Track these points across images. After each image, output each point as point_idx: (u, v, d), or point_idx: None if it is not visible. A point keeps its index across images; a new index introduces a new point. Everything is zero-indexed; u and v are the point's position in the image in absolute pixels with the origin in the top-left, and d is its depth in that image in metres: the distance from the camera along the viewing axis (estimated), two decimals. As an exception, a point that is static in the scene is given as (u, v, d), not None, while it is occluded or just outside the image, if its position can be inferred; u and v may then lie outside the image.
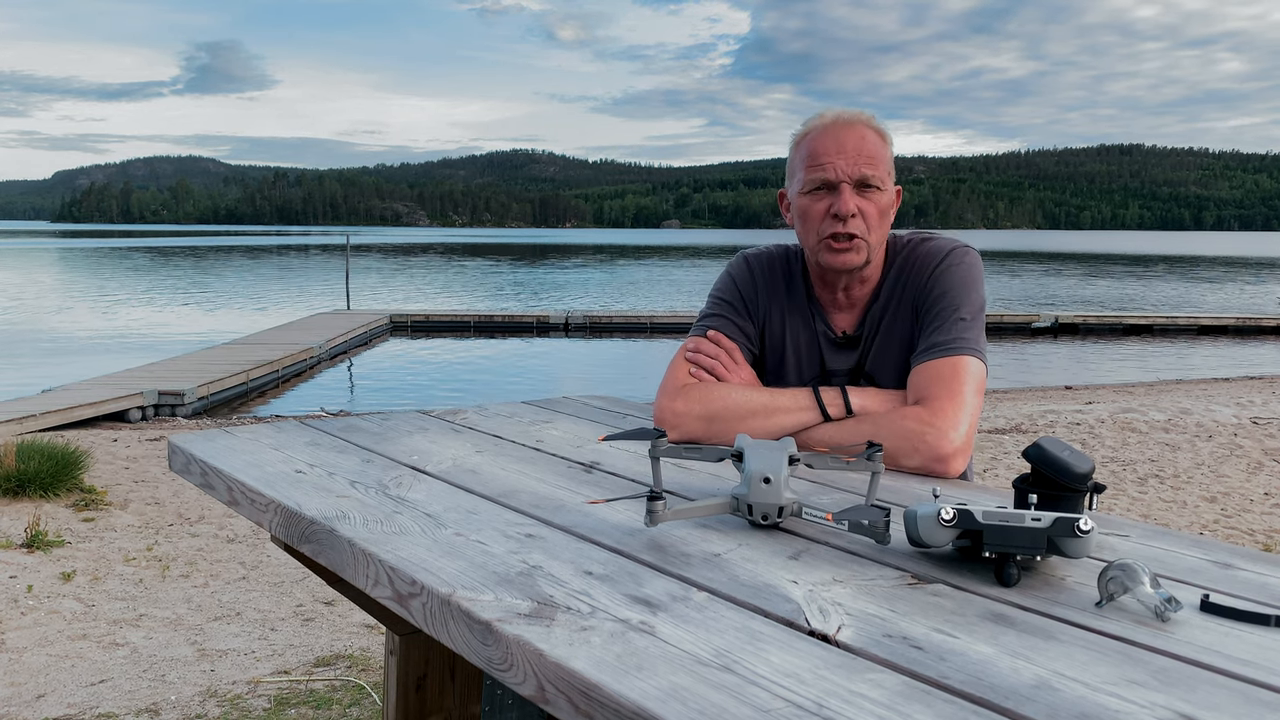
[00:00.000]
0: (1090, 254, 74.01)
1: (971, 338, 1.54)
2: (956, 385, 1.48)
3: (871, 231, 1.58)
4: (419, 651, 1.76)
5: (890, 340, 1.64)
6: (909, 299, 1.63)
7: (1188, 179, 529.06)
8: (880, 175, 1.58)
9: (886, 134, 1.62)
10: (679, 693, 0.71)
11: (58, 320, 19.72)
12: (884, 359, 1.64)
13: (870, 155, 1.57)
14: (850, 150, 1.56)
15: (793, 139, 1.66)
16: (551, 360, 15.47)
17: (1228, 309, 23.67)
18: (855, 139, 1.57)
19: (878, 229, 1.59)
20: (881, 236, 1.61)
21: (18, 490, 4.97)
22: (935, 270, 1.61)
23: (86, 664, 2.99)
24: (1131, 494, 5.30)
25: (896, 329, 1.64)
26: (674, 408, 1.62)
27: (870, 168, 1.56)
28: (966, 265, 1.61)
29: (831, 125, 1.59)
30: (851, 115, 1.60)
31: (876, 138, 1.59)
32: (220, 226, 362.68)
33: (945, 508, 0.97)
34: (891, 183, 1.61)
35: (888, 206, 1.60)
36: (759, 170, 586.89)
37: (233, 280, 33.56)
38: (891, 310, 1.64)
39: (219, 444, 1.55)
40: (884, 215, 1.59)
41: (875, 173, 1.57)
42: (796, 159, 1.63)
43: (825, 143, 1.58)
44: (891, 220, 1.64)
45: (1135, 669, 0.77)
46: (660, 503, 1.09)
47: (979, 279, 1.62)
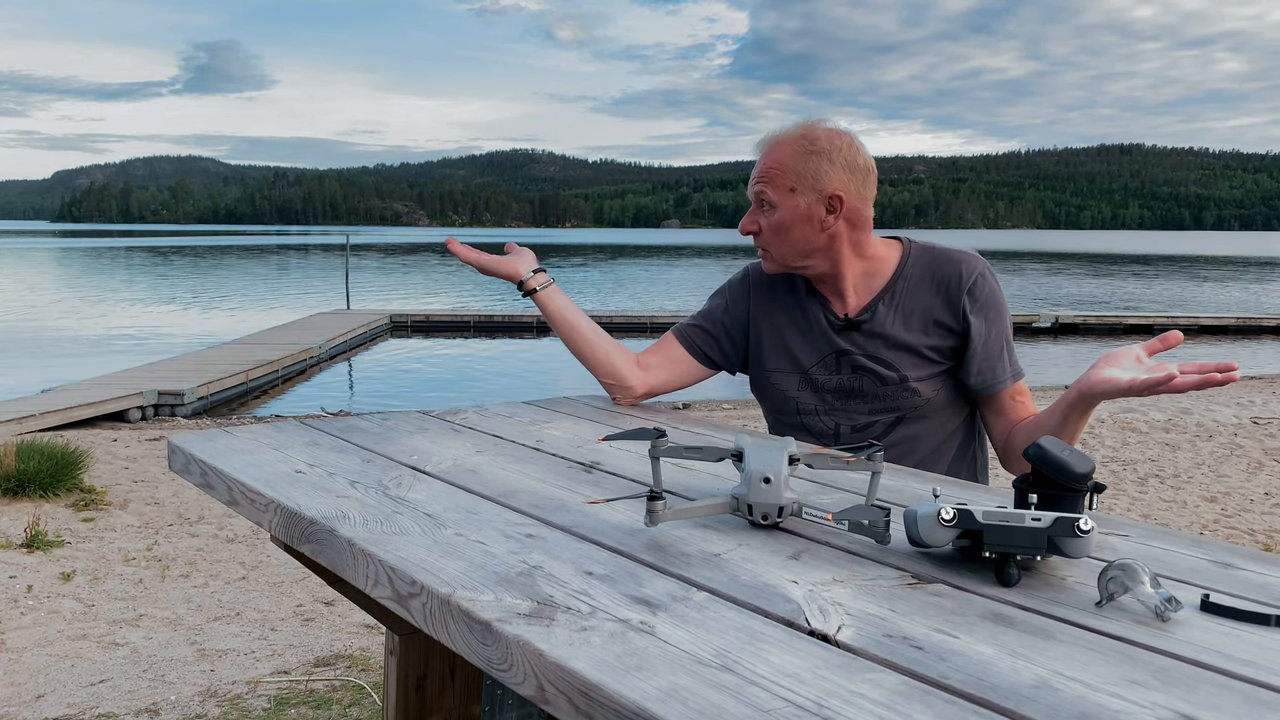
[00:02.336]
0: (1090, 254, 74.01)
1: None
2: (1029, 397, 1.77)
3: (772, 245, 1.73)
4: (419, 651, 1.76)
5: (909, 330, 1.73)
6: (944, 304, 1.72)
7: (1188, 179, 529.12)
8: (772, 193, 1.69)
9: (812, 145, 1.67)
10: (679, 693, 0.71)
11: (57, 320, 19.71)
12: (898, 344, 1.73)
13: (767, 174, 1.69)
14: (756, 171, 1.72)
15: None
16: (551, 360, 15.47)
17: (1228, 309, 23.66)
18: (764, 158, 1.71)
19: (775, 243, 1.72)
20: (786, 247, 1.72)
21: (18, 490, 4.97)
22: (980, 290, 1.71)
23: (86, 664, 2.98)
24: (1131, 494, 5.30)
25: (915, 324, 1.72)
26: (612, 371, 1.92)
27: (763, 185, 1.70)
28: (996, 282, 1.75)
29: (759, 146, 1.73)
30: (780, 134, 1.71)
31: (785, 152, 1.68)
32: (220, 226, 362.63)
33: (945, 508, 0.97)
34: (799, 196, 1.67)
35: (781, 221, 1.69)
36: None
37: (232, 280, 33.55)
38: (910, 305, 1.73)
39: (219, 444, 1.55)
40: (777, 230, 1.71)
41: (766, 190, 1.69)
42: None
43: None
44: (815, 229, 1.69)
45: (1135, 669, 0.77)
46: (660, 503, 1.09)
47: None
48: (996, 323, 1.72)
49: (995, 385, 1.72)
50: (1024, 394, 1.75)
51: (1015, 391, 1.73)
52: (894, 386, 1.71)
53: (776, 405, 1.85)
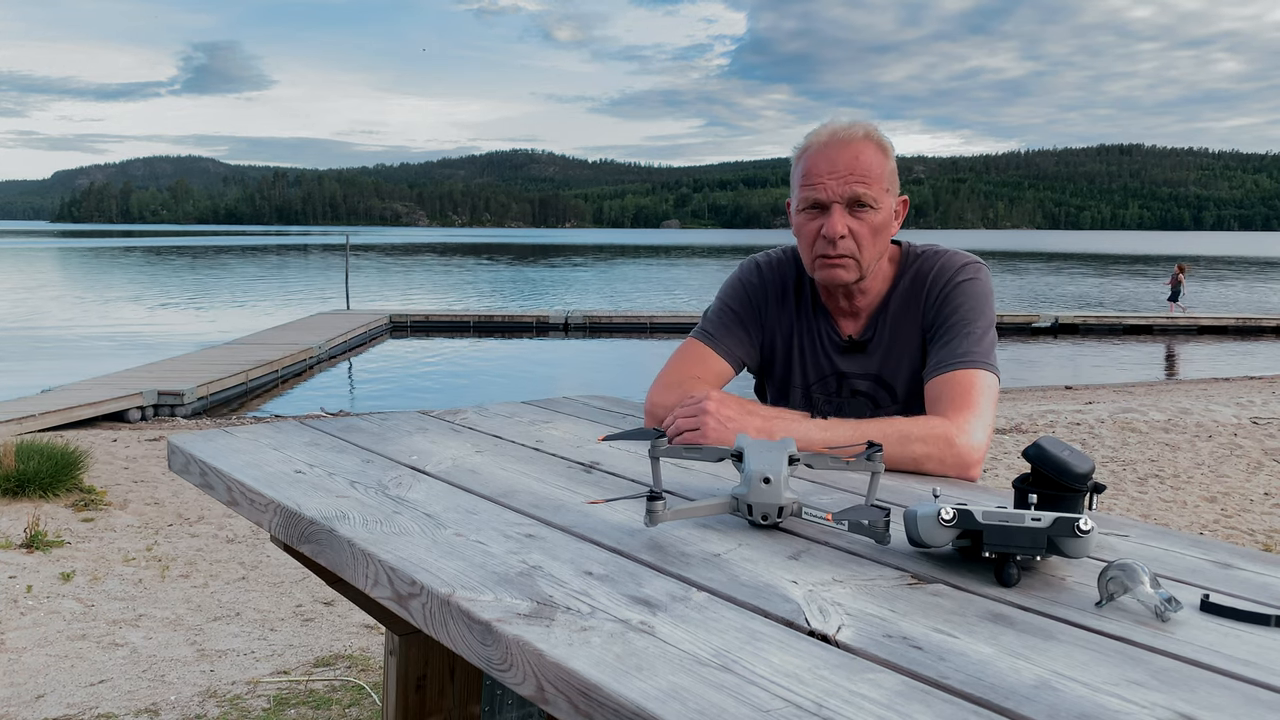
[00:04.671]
0: (1090, 254, 73.99)
1: (983, 351, 1.55)
2: (974, 396, 1.50)
3: (863, 250, 1.59)
4: (419, 651, 1.76)
5: (901, 347, 1.66)
6: (918, 309, 1.64)
7: (1187, 179, 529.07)
8: (874, 194, 1.57)
9: (887, 145, 1.62)
10: (678, 693, 0.71)
11: (57, 320, 19.71)
12: (897, 365, 1.67)
13: (864, 173, 1.57)
14: (843, 169, 1.57)
15: (794, 151, 1.67)
16: (551, 360, 15.47)
17: (1228, 309, 23.65)
18: (849, 157, 1.57)
19: (870, 247, 1.60)
20: (876, 252, 1.62)
21: (17, 490, 4.97)
22: (948, 286, 1.62)
23: (86, 664, 2.98)
24: (1131, 494, 5.30)
25: (905, 336, 1.66)
26: (665, 403, 1.63)
27: (863, 186, 1.56)
28: (979, 282, 1.63)
29: (828, 143, 1.59)
30: (847, 133, 1.59)
31: (874, 152, 1.58)
32: (220, 226, 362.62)
33: (945, 508, 0.97)
34: (890, 197, 1.61)
35: (881, 223, 1.60)
36: (758, 170, 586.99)
37: (232, 280, 33.55)
38: (900, 318, 1.66)
39: (218, 444, 1.55)
40: (877, 232, 1.60)
41: (868, 191, 1.57)
42: (795, 174, 1.65)
43: (819, 162, 1.58)
44: (892, 233, 1.65)
45: (1135, 669, 0.77)
46: (660, 503, 1.08)
47: (990, 295, 1.64)
48: (953, 315, 1.60)
49: (928, 375, 1.58)
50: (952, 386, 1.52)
51: (941, 382, 1.54)
52: (887, 409, 1.69)
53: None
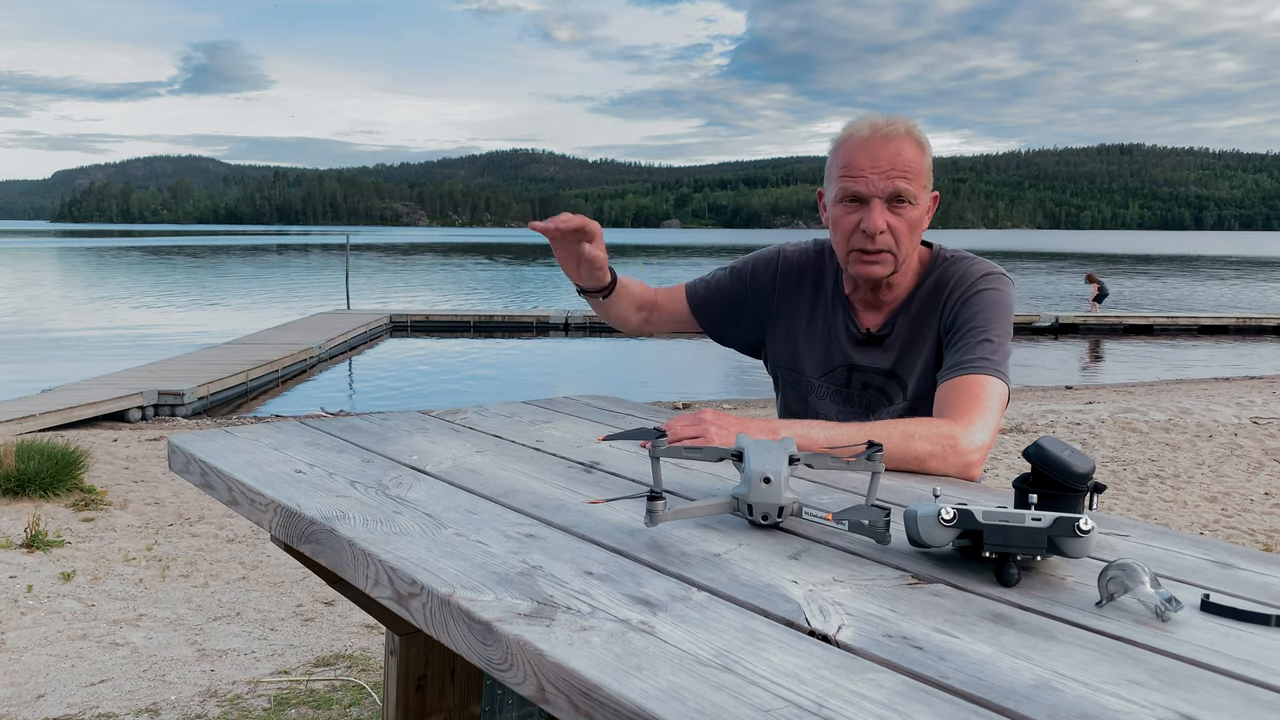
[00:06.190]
0: (1090, 254, 73.99)
1: (998, 360, 1.56)
2: (982, 400, 1.51)
3: (900, 245, 1.60)
4: (419, 651, 1.76)
5: (917, 345, 1.67)
6: (937, 310, 1.65)
7: (1187, 179, 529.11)
8: (914, 190, 1.58)
9: (925, 142, 1.62)
10: (679, 693, 0.71)
11: (57, 320, 19.71)
12: (911, 362, 1.67)
13: (905, 169, 1.57)
14: (884, 164, 1.57)
15: (833, 142, 1.66)
16: (551, 360, 15.47)
17: (1229, 309, 23.65)
18: (890, 153, 1.57)
19: (907, 241, 1.61)
20: (911, 247, 1.62)
21: (18, 490, 4.97)
22: (970, 291, 1.63)
23: (86, 664, 2.98)
24: (1131, 494, 5.30)
25: (922, 335, 1.67)
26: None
27: (905, 181, 1.57)
28: (1001, 292, 1.63)
29: (870, 138, 1.58)
30: (890, 128, 1.59)
31: (914, 149, 1.59)
32: (220, 226, 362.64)
33: (945, 508, 0.97)
34: (927, 193, 1.62)
35: (919, 219, 1.61)
36: (759, 170, 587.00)
37: (233, 280, 33.55)
38: (920, 317, 1.67)
39: (219, 444, 1.55)
40: (914, 228, 1.61)
41: (909, 187, 1.57)
42: (833, 165, 1.64)
43: (861, 155, 1.58)
44: (925, 227, 1.65)
45: (1135, 669, 0.77)
46: (660, 503, 1.08)
47: (1010, 307, 1.64)
48: (970, 321, 1.60)
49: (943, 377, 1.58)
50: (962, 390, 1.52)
51: (952, 386, 1.54)
52: (896, 408, 1.69)
53: (788, 402, 1.85)
